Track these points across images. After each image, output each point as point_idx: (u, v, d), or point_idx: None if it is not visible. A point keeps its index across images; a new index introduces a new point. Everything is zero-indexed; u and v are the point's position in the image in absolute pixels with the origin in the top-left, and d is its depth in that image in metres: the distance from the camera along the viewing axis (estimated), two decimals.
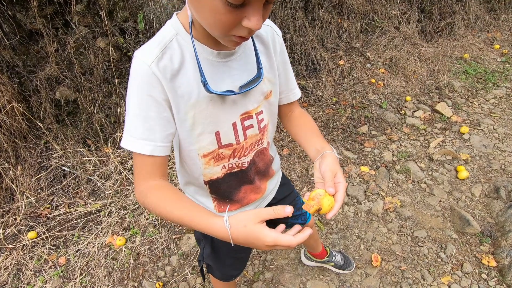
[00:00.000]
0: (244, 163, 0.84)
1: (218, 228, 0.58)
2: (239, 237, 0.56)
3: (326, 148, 0.79)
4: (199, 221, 0.60)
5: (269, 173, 0.97)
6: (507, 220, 1.80)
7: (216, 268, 1.12)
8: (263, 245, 0.56)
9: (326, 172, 0.70)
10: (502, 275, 1.58)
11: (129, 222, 2.02)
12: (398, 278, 1.64)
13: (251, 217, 0.56)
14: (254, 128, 0.81)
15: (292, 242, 0.55)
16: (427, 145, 2.51)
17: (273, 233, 0.55)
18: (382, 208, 2.02)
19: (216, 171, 0.82)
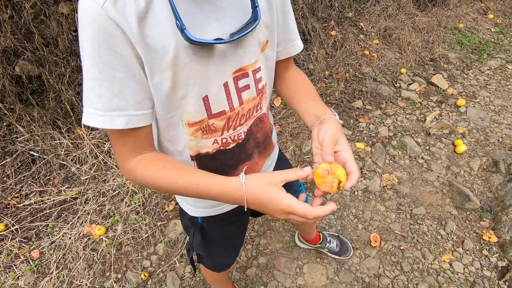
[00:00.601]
0: (241, 134, 0.69)
1: (232, 186, 0.53)
2: (254, 197, 0.52)
3: (326, 113, 0.66)
4: (209, 183, 0.54)
5: (270, 146, 0.83)
6: (507, 194, 1.74)
7: (207, 257, 0.99)
8: (277, 209, 0.51)
9: (326, 138, 0.59)
10: (504, 250, 1.53)
11: (109, 209, 1.85)
12: (398, 258, 1.57)
13: (269, 177, 0.53)
14: (251, 89, 0.65)
15: (309, 212, 0.50)
16: (423, 119, 2.40)
17: (290, 197, 0.51)
18: (379, 185, 1.92)
19: (205, 145, 0.66)
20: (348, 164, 0.58)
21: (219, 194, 0.54)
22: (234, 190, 0.53)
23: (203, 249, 0.94)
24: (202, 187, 0.54)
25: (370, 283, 1.49)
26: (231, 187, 0.53)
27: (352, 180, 0.55)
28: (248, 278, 1.57)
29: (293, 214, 0.51)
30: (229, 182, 0.53)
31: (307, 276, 1.54)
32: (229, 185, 0.53)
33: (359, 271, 1.54)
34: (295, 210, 0.50)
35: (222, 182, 0.54)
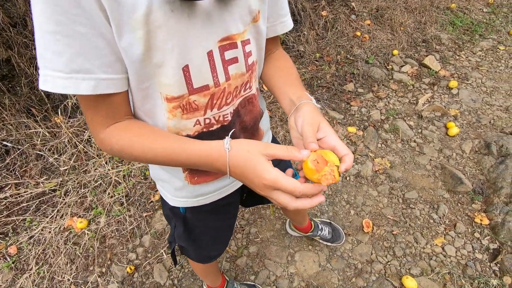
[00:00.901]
0: (227, 115, 0.61)
1: (215, 152, 0.47)
2: (237, 167, 0.47)
3: (302, 97, 0.59)
4: (189, 148, 0.49)
5: (258, 133, 0.75)
6: (499, 176, 1.73)
7: (191, 249, 0.93)
8: (261, 183, 0.45)
9: (304, 126, 0.53)
10: (495, 232, 1.52)
11: (90, 201, 1.76)
12: (390, 243, 1.55)
13: (260, 145, 0.47)
14: (240, 64, 0.57)
15: (297, 188, 0.44)
16: (415, 101, 2.36)
17: (277, 171, 0.45)
18: (371, 170, 1.88)
19: (185, 126, 0.58)
20: (338, 148, 0.51)
21: (200, 159, 0.49)
22: (216, 155, 0.47)
23: (186, 241, 0.87)
24: (182, 153, 0.49)
25: (362, 269, 1.47)
26: (213, 152, 0.47)
27: (347, 162, 0.49)
28: (238, 268, 1.52)
29: (278, 190, 0.45)
30: (212, 147, 0.48)
31: (299, 264, 1.50)
32: (211, 150, 0.48)
33: (351, 258, 1.51)
34: (281, 185, 0.44)
35: (204, 147, 0.49)
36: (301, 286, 1.44)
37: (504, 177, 1.70)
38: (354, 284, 1.43)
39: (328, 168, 0.46)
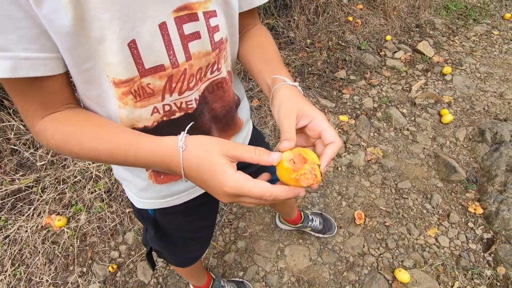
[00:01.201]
0: (190, 102, 0.52)
1: (167, 150, 0.40)
2: (193, 168, 0.39)
3: (276, 81, 0.51)
4: (137, 145, 0.41)
5: (235, 123, 0.66)
6: (493, 164, 1.68)
7: (167, 253, 0.85)
8: (221, 190, 0.38)
9: (281, 120, 0.46)
10: (489, 222, 1.49)
11: (70, 197, 1.67)
12: (383, 235, 1.50)
13: (222, 145, 0.39)
14: (203, 40, 0.47)
15: (267, 191, 0.37)
16: (408, 88, 2.29)
17: (240, 174, 0.38)
18: (363, 160, 1.83)
19: (141, 116, 0.50)
20: (324, 134, 0.44)
21: (151, 159, 0.41)
22: (169, 154, 0.40)
23: (160, 245, 0.80)
24: (129, 150, 0.41)
25: (354, 263, 1.42)
26: (165, 151, 0.40)
27: (326, 155, 0.42)
28: (226, 264, 1.46)
29: (244, 196, 0.38)
30: (164, 144, 0.40)
31: (289, 259, 1.45)
32: (163, 148, 0.40)
33: (343, 251, 1.46)
34: (246, 191, 0.37)
35: (155, 144, 0.41)
36: (291, 281, 1.39)
37: (499, 164, 1.66)
38: (346, 278, 1.38)
39: (308, 166, 0.38)
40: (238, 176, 0.37)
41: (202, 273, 1.21)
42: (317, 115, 0.45)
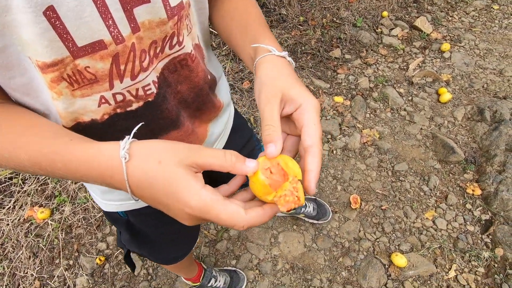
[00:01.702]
0: (148, 86, 0.42)
1: (105, 160, 0.31)
2: (142, 184, 0.30)
3: (258, 51, 0.42)
4: (70, 154, 0.32)
5: (209, 107, 0.56)
6: (492, 144, 1.63)
7: (149, 254, 0.78)
8: (181, 212, 0.30)
9: (261, 105, 0.37)
10: (487, 203, 1.45)
11: (53, 188, 1.59)
12: (379, 219, 1.46)
13: (181, 151, 0.31)
14: (154, 5, 0.37)
15: (241, 221, 0.30)
16: (406, 67, 2.20)
17: (209, 193, 0.30)
18: (359, 142, 1.76)
19: (85, 108, 0.40)
20: (304, 130, 0.35)
21: (85, 173, 0.31)
22: (106, 167, 0.31)
23: (139, 247, 0.73)
24: (56, 159, 0.32)
25: (350, 248, 1.38)
26: (101, 163, 0.31)
27: (312, 171, 0.33)
28: (218, 252, 1.42)
29: (213, 219, 0.30)
30: (98, 154, 0.31)
31: (283, 246, 1.40)
32: (98, 159, 0.31)
33: (338, 236, 1.42)
34: (214, 217, 0.29)
35: (87, 153, 0.31)
36: (285, 268, 1.35)
37: (498, 144, 1.61)
38: (341, 263, 1.35)
39: (289, 185, 0.30)
40: (205, 194, 0.29)
41: (192, 265, 1.16)
42: (305, 101, 0.36)
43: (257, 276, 1.33)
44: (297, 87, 0.37)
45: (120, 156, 0.30)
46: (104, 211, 0.63)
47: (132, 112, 0.43)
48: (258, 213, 0.31)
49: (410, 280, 1.28)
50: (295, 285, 1.30)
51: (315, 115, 0.35)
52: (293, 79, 0.39)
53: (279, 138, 0.34)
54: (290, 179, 0.31)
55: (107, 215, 0.66)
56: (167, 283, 1.34)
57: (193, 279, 1.21)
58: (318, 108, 0.36)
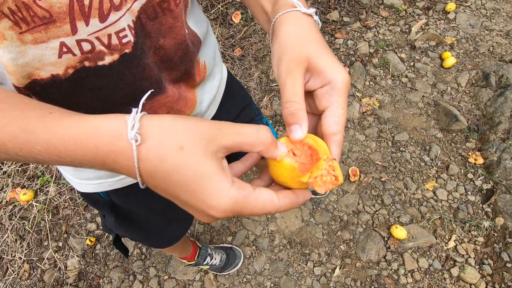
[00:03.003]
0: (123, 33, 0.33)
1: (107, 142, 0.23)
2: (158, 175, 0.23)
3: (279, 3, 0.34)
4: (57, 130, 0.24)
5: (198, 68, 0.47)
6: (497, 110, 1.56)
7: (140, 238, 0.72)
8: (205, 213, 0.25)
9: (282, 76, 0.30)
10: (490, 172, 1.41)
11: (34, 168, 1.49)
12: (378, 191, 1.42)
13: (206, 132, 0.24)
14: None
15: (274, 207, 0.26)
16: (408, 30, 2.06)
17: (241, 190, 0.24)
18: (358, 112, 1.67)
19: (41, 59, 0.31)
20: (328, 114, 0.29)
21: (75, 157, 0.24)
22: (109, 150, 0.23)
23: (128, 231, 0.66)
24: (34, 141, 0.24)
25: (348, 221, 1.35)
26: (99, 145, 0.23)
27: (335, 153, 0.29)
28: (213, 230, 1.37)
29: (247, 212, 0.26)
30: (98, 133, 0.23)
31: (280, 221, 1.36)
32: (97, 140, 0.23)
33: (336, 210, 1.38)
34: (247, 212, 0.25)
35: (79, 132, 0.24)
36: (282, 243, 1.32)
37: (503, 111, 1.54)
38: (340, 237, 1.32)
39: (324, 164, 0.26)
40: (236, 194, 0.24)
41: (186, 245, 1.11)
42: (336, 77, 0.29)
43: (254, 252, 1.30)
44: (327, 56, 0.30)
45: (129, 138, 0.23)
46: (81, 193, 0.55)
47: (105, 67, 0.34)
48: (291, 199, 0.27)
49: (410, 252, 1.26)
50: (293, 260, 1.28)
51: (345, 96, 0.29)
52: (322, 44, 0.31)
53: (305, 118, 0.29)
54: (324, 157, 0.27)
55: (85, 197, 0.58)
56: (162, 261, 1.31)
57: (187, 258, 1.17)
58: (349, 87, 0.30)
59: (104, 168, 0.25)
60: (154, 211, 0.63)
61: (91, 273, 1.31)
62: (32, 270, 1.33)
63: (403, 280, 1.21)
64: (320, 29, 0.35)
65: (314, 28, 0.32)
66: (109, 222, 0.63)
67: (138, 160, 0.23)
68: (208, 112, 0.57)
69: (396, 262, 1.25)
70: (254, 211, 0.25)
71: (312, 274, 1.25)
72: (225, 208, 0.24)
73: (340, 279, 1.23)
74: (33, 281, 1.31)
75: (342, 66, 0.30)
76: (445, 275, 1.22)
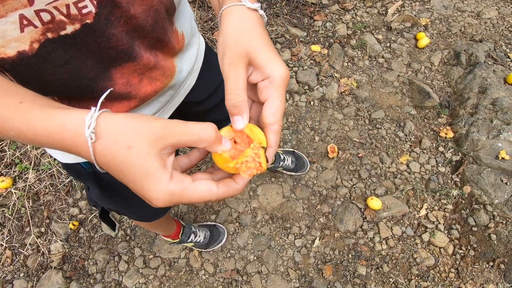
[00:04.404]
0: (82, 2, 0.34)
1: (70, 137, 0.27)
2: (111, 165, 0.28)
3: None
4: (27, 122, 0.27)
5: (176, 36, 0.48)
6: (466, 87, 1.64)
7: (126, 211, 0.73)
8: (149, 202, 0.29)
9: (225, 68, 0.33)
10: (459, 144, 1.49)
11: (12, 155, 1.47)
12: (356, 166, 1.47)
13: (151, 132, 0.27)
14: None
15: (213, 196, 0.30)
16: (384, 12, 2.10)
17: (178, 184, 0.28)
18: (336, 92, 1.72)
19: (4, 35, 0.32)
20: (266, 106, 0.32)
21: (45, 143, 0.28)
22: (71, 143, 0.27)
23: (113, 203, 0.67)
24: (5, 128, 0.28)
25: (327, 196, 1.40)
26: (65, 138, 0.27)
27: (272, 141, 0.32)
28: (197, 209, 1.40)
29: (186, 201, 0.30)
30: (63, 128, 0.27)
31: (262, 198, 1.40)
32: (63, 134, 0.27)
33: (316, 185, 1.43)
34: (185, 201, 0.29)
35: (46, 125, 0.27)
36: (264, 219, 1.36)
37: (471, 87, 1.62)
38: (319, 210, 1.37)
39: (250, 152, 0.30)
40: (173, 187, 0.28)
41: (170, 222, 1.13)
42: (274, 72, 0.31)
43: (237, 229, 1.34)
44: (267, 51, 0.32)
45: (86, 135, 0.26)
46: (63, 164, 0.56)
47: (68, 37, 0.35)
48: (230, 186, 0.31)
49: (384, 221, 1.33)
50: (274, 234, 1.33)
51: (282, 90, 0.32)
52: (263, 40, 0.33)
53: (246, 109, 0.32)
54: (251, 146, 0.31)
55: (68, 169, 0.59)
56: (146, 241, 1.33)
57: (171, 236, 1.19)
58: (287, 81, 0.32)
59: (71, 153, 0.30)
60: None
61: (76, 256, 1.32)
62: (14, 256, 1.32)
63: (378, 247, 1.28)
64: (298, 13, 0.36)
65: (258, 23, 0.34)
66: (93, 194, 0.64)
67: (94, 154, 0.27)
68: (187, 83, 0.58)
69: (372, 231, 1.32)
70: (192, 200, 0.29)
71: (293, 246, 1.30)
72: (163, 199, 0.28)
73: (319, 249, 1.29)
74: (16, 266, 1.30)
75: (282, 61, 0.32)
76: (416, 240, 1.30)
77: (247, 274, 1.26)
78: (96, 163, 0.28)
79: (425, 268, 1.26)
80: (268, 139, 0.32)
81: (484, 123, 1.48)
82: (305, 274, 1.25)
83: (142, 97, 0.47)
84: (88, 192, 0.68)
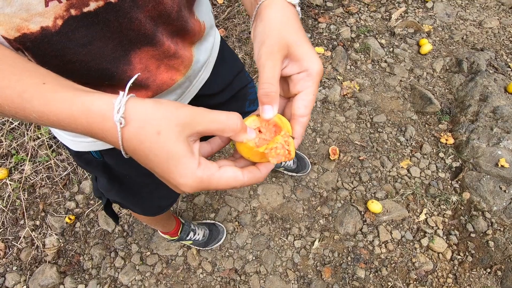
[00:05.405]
0: None
1: (97, 121, 0.26)
2: (138, 153, 0.28)
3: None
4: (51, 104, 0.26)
5: (192, 27, 0.47)
6: (468, 95, 1.65)
7: (130, 203, 0.72)
8: (176, 188, 0.29)
9: (262, 59, 0.32)
10: (459, 151, 1.50)
11: (8, 146, 1.44)
12: (357, 169, 1.47)
13: (180, 119, 0.27)
14: None
15: (239, 182, 0.30)
16: (388, 17, 2.11)
17: (206, 170, 0.28)
18: (339, 94, 1.72)
19: (28, 8, 0.30)
20: (299, 98, 0.32)
21: (68, 127, 0.28)
22: (98, 128, 0.27)
23: (119, 195, 0.66)
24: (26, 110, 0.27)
25: (328, 197, 1.40)
26: (91, 122, 0.27)
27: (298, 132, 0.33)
28: (196, 207, 1.39)
29: (213, 187, 0.30)
30: (89, 112, 0.27)
31: (262, 198, 1.39)
32: (89, 119, 0.27)
33: (317, 187, 1.43)
34: (212, 188, 0.30)
35: (71, 109, 0.27)
36: (264, 219, 1.35)
37: (473, 94, 1.63)
38: (319, 212, 1.37)
39: (281, 139, 0.30)
40: (201, 174, 0.28)
41: (169, 219, 1.12)
42: (311, 66, 0.32)
43: (237, 228, 1.33)
44: (306, 45, 0.32)
45: (115, 120, 0.26)
46: (73, 151, 0.54)
47: (91, 14, 0.34)
48: (254, 173, 0.31)
49: (384, 225, 1.33)
50: (274, 234, 1.32)
51: (317, 85, 0.33)
52: (303, 34, 0.33)
53: (277, 99, 0.32)
54: (282, 133, 0.31)
55: (77, 158, 0.57)
56: (144, 238, 1.31)
57: (170, 233, 1.18)
58: (321, 77, 0.33)
59: (93, 138, 0.29)
60: (146, 174, 0.63)
61: (71, 250, 1.29)
62: (7, 249, 1.29)
63: (377, 251, 1.28)
64: (303, 14, 0.36)
65: (296, 17, 0.35)
66: (101, 184, 0.63)
67: (122, 139, 0.27)
68: (202, 76, 0.57)
69: (371, 234, 1.32)
70: (219, 186, 0.29)
71: (293, 247, 1.29)
72: (191, 185, 0.28)
73: (319, 251, 1.28)
74: (9, 259, 1.27)
75: (318, 57, 0.33)
76: (415, 245, 1.30)
77: (245, 274, 1.24)
78: (122, 148, 0.27)
79: (423, 273, 1.26)
80: (295, 130, 0.32)
81: (485, 130, 1.49)
82: (303, 275, 1.25)
83: (159, 85, 0.46)
84: (95, 182, 0.67)
